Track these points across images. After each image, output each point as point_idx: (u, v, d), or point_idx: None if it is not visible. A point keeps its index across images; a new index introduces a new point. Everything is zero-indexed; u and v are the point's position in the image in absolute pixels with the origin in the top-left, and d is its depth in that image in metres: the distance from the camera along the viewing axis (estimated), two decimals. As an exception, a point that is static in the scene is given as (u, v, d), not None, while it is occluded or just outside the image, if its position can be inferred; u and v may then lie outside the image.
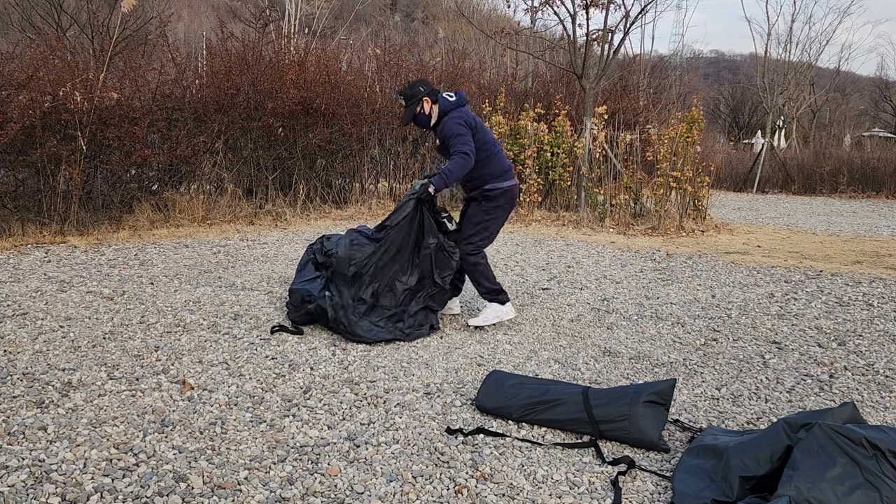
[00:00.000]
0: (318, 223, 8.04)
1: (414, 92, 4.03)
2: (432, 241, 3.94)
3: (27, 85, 6.46)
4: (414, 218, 3.92)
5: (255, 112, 8.23)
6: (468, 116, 3.97)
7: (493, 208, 4.03)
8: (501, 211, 4.07)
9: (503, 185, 4.02)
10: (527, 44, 14.39)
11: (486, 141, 4.00)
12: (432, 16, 47.12)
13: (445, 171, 3.84)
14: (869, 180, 15.39)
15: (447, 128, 3.91)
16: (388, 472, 2.29)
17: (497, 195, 4.02)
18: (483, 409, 2.79)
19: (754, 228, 9.11)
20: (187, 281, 4.90)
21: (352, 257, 3.94)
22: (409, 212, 3.91)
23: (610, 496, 2.19)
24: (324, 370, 3.22)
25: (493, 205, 4.03)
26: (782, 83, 21.50)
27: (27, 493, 2.07)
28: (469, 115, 3.98)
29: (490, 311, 4.06)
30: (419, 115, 4.03)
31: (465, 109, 4.00)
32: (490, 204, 4.03)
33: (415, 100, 4.00)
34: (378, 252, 3.91)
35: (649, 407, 2.55)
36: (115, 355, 3.30)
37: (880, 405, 3.01)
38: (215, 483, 2.18)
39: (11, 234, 6.21)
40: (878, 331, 4.17)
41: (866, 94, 38.76)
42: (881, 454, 1.94)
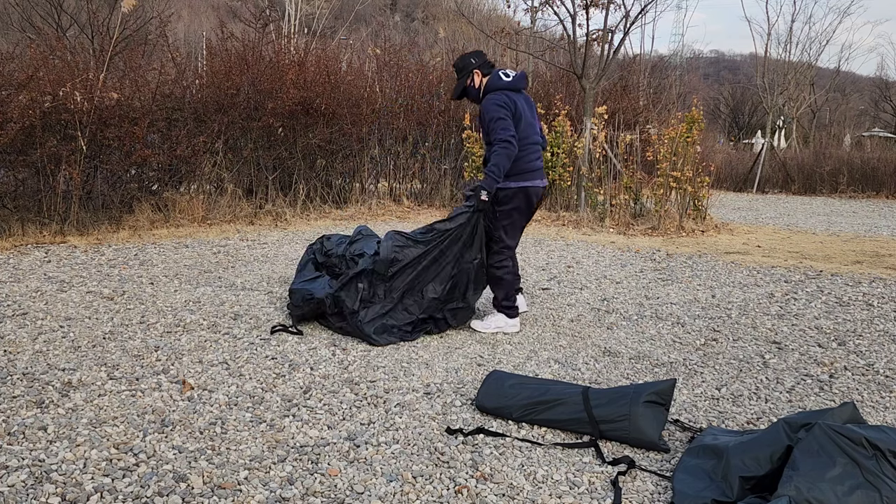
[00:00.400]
0: (318, 223, 8.04)
1: (465, 63, 3.82)
2: (476, 257, 3.81)
3: (27, 85, 6.46)
4: (467, 227, 3.78)
5: (255, 112, 8.23)
6: (512, 101, 3.69)
7: (507, 211, 3.81)
8: (517, 213, 3.83)
9: (514, 186, 3.77)
10: (527, 44, 14.39)
11: (522, 129, 3.73)
12: (432, 16, 47.14)
13: (490, 168, 3.64)
14: (869, 180, 15.39)
15: (485, 109, 3.68)
16: (388, 472, 2.29)
17: (507, 197, 3.79)
18: (483, 409, 2.79)
19: (754, 228, 9.11)
20: (187, 281, 4.90)
21: (396, 260, 3.84)
22: (463, 221, 3.77)
23: (610, 496, 2.19)
24: (324, 370, 3.22)
25: (506, 207, 3.80)
26: (782, 83, 21.50)
27: (27, 493, 2.07)
28: (514, 100, 3.70)
29: (494, 320, 3.97)
30: (469, 89, 3.82)
31: (510, 94, 3.71)
32: (502, 206, 3.81)
33: (465, 72, 3.79)
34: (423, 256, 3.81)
35: (649, 407, 2.55)
36: (115, 355, 3.30)
37: (880, 405, 3.01)
38: (215, 483, 2.18)
39: (11, 234, 6.21)
40: (878, 331, 4.17)
41: (866, 94, 38.76)
42: (881, 454, 1.94)
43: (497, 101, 3.66)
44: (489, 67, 3.81)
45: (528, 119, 3.79)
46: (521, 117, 3.73)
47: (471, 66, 3.79)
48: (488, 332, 3.92)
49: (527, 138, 3.77)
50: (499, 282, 3.92)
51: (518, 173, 3.77)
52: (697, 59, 43.95)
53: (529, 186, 3.80)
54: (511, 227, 3.87)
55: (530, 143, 3.80)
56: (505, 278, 3.90)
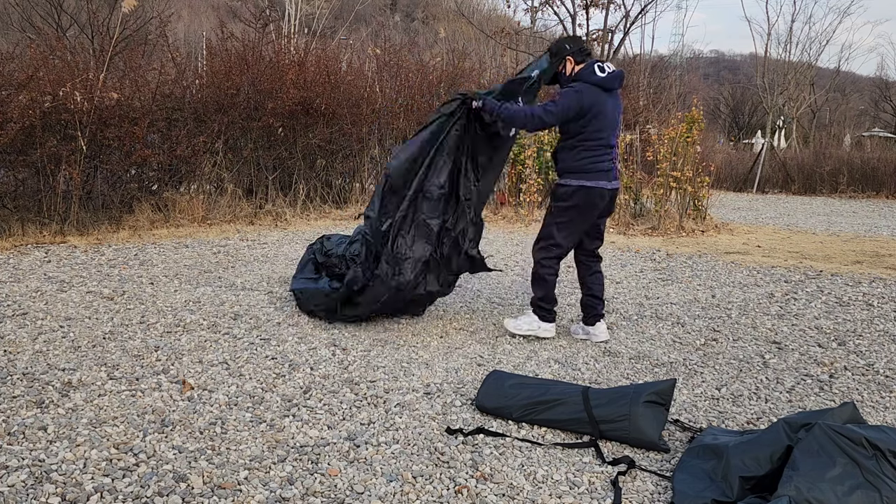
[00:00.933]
0: (318, 223, 8.04)
1: (559, 48, 3.66)
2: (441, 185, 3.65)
3: (27, 85, 6.46)
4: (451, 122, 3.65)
5: (255, 112, 8.23)
6: (593, 99, 3.48)
7: (564, 209, 3.61)
8: (575, 213, 3.60)
9: (574, 183, 3.56)
10: (527, 44, 14.39)
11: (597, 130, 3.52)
12: (432, 16, 47.12)
13: (504, 105, 3.54)
14: (869, 180, 15.39)
15: (565, 92, 3.52)
16: (388, 472, 2.29)
17: (565, 194, 3.59)
18: (483, 409, 2.79)
19: (754, 228, 9.11)
20: (187, 281, 4.90)
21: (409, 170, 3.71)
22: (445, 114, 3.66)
23: (610, 496, 2.19)
24: (324, 370, 3.22)
25: (563, 204, 3.61)
26: (782, 83, 21.51)
27: (27, 493, 2.07)
28: (595, 99, 3.49)
29: (527, 320, 3.78)
30: (560, 75, 3.66)
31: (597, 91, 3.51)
32: (559, 203, 3.63)
33: (558, 57, 3.64)
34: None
35: (649, 407, 2.55)
36: (115, 355, 3.30)
37: (880, 405, 3.01)
38: (215, 483, 2.18)
39: (11, 234, 6.21)
40: (878, 331, 4.17)
41: (866, 94, 38.76)
42: (881, 454, 1.94)
43: (578, 92, 3.48)
44: (584, 55, 3.62)
45: (608, 119, 3.57)
46: (600, 116, 3.52)
47: (564, 52, 3.62)
48: (519, 334, 3.77)
49: (600, 139, 3.55)
50: (540, 281, 3.74)
51: (582, 171, 3.55)
52: (697, 59, 43.95)
53: (592, 186, 3.55)
54: (564, 226, 3.64)
55: (603, 145, 3.57)
56: (547, 279, 3.72)
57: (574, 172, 3.58)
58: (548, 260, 3.71)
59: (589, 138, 3.53)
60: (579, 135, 3.54)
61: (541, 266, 3.74)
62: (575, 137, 3.55)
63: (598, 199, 3.59)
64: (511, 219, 8.98)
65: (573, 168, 3.58)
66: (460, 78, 10.79)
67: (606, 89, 3.55)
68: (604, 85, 3.53)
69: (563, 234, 3.66)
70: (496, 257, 6.25)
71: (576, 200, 3.58)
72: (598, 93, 3.51)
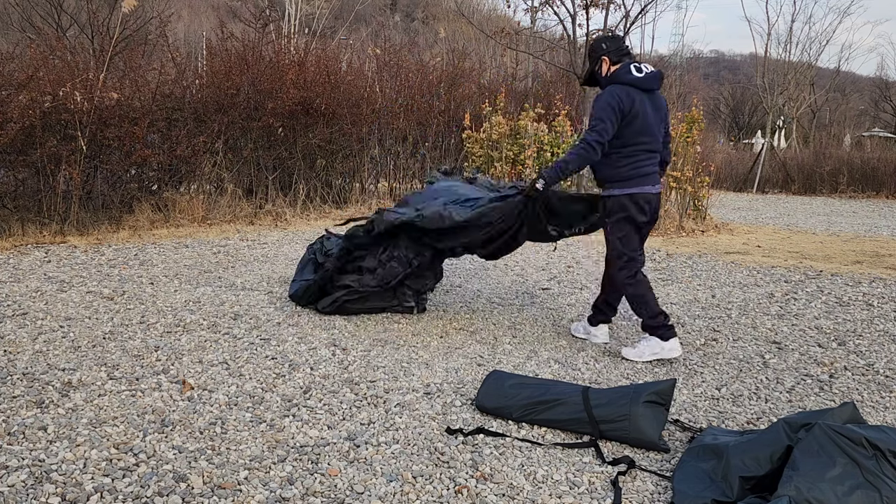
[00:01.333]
0: (318, 223, 8.04)
1: (595, 48, 3.53)
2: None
3: (27, 85, 6.46)
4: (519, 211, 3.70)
5: (255, 112, 8.23)
6: (632, 99, 3.32)
7: (618, 221, 3.46)
8: (629, 223, 3.45)
9: (618, 193, 3.42)
10: (527, 44, 14.38)
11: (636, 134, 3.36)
12: (432, 16, 47.10)
13: (560, 162, 3.40)
14: (869, 180, 15.40)
15: (597, 102, 3.36)
16: (388, 472, 2.29)
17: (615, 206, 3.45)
18: (483, 409, 2.79)
19: (754, 228, 9.11)
20: (187, 281, 4.90)
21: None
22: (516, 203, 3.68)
23: (610, 496, 2.19)
24: (324, 370, 3.22)
25: (616, 217, 3.46)
26: (782, 83, 21.50)
27: (27, 493, 2.06)
28: (634, 99, 3.32)
29: (648, 345, 3.51)
30: (597, 74, 3.53)
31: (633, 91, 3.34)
32: (612, 217, 3.48)
33: (594, 58, 3.51)
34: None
35: (649, 407, 2.55)
36: (115, 355, 3.30)
37: (880, 405, 3.01)
38: (215, 483, 2.18)
39: (11, 234, 6.21)
40: (878, 331, 4.17)
41: (866, 94, 38.75)
42: (881, 454, 1.94)
43: (611, 97, 3.32)
44: (621, 55, 3.47)
45: (648, 122, 3.39)
46: (639, 118, 3.35)
47: (600, 52, 3.49)
48: (643, 360, 3.50)
49: (641, 144, 3.39)
50: (637, 300, 3.53)
51: (624, 179, 3.41)
52: (697, 59, 43.91)
53: (638, 193, 3.41)
54: (627, 237, 3.48)
55: (644, 150, 3.41)
56: (645, 294, 3.51)
57: (618, 181, 3.43)
58: (632, 276, 3.52)
59: (628, 143, 3.37)
60: (616, 140, 3.36)
61: (630, 285, 3.54)
62: (612, 145, 3.38)
63: (644, 205, 3.45)
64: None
65: (614, 176, 3.44)
66: (460, 78, 10.80)
67: (644, 90, 3.38)
68: (641, 85, 3.37)
69: (630, 246, 3.50)
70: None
71: (627, 210, 3.43)
72: (633, 93, 3.34)
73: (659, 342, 3.50)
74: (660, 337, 3.50)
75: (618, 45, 3.51)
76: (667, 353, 3.49)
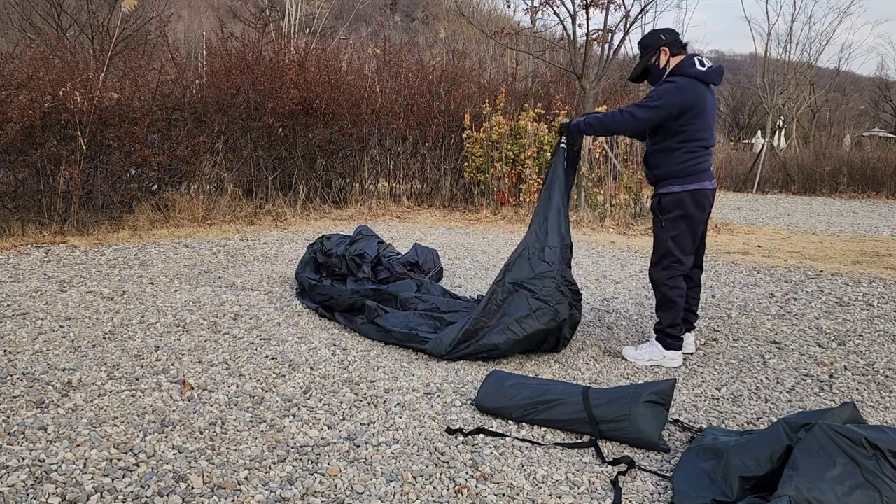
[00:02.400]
0: (318, 223, 8.04)
1: (653, 40, 3.36)
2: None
3: (27, 85, 6.46)
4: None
5: (255, 112, 8.24)
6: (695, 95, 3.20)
7: (674, 219, 3.34)
8: (686, 222, 3.33)
9: (678, 189, 3.30)
10: (527, 44, 14.38)
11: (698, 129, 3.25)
12: (432, 16, 47.08)
13: (596, 116, 3.31)
14: (869, 180, 15.40)
15: (663, 85, 3.22)
16: (388, 472, 2.29)
17: (672, 202, 3.32)
18: (483, 409, 2.79)
19: (754, 228, 9.11)
20: (187, 281, 4.90)
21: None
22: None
23: (610, 496, 2.19)
24: (324, 370, 3.22)
25: (673, 214, 3.33)
26: (782, 83, 21.50)
27: (27, 493, 2.06)
28: (697, 95, 3.21)
29: (650, 350, 3.48)
30: (652, 68, 3.38)
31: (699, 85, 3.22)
32: (668, 214, 3.35)
33: (651, 49, 3.34)
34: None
35: (649, 407, 2.55)
36: (115, 355, 3.30)
37: (880, 405, 3.01)
38: (215, 483, 2.18)
39: (11, 234, 6.21)
40: (878, 331, 4.17)
41: (866, 94, 38.75)
42: (881, 454, 1.94)
43: (679, 87, 3.18)
44: (680, 48, 3.33)
45: (709, 117, 3.31)
46: (702, 114, 3.26)
47: (659, 43, 3.32)
48: (641, 364, 3.46)
49: (701, 140, 3.30)
50: (668, 305, 3.42)
51: (685, 175, 3.29)
52: (697, 59, 43.84)
53: (697, 189, 3.31)
54: (681, 237, 3.36)
55: (703, 146, 3.32)
56: (677, 301, 3.41)
57: (678, 177, 3.30)
58: (674, 279, 3.41)
59: (691, 138, 3.26)
60: (680, 135, 3.26)
61: (668, 288, 3.41)
62: (674, 138, 3.27)
63: (705, 202, 3.36)
64: (511, 219, 8.98)
65: (676, 172, 3.30)
66: (460, 78, 10.80)
67: (706, 83, 3.28)
68: (706, 79, 3.25)
69: (681, 248, 3.38)
70: (496, 258, 6.25)
71: (686, 208, 3.32)
72: (700, 87, 3.23)
73: (661, 350, 3.47)
74: (665, 346, 3.47)
75: (676, 37, 3.36)
76: (666, 363, 3.47)
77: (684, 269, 3.43)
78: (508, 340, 3.32)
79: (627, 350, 3.57)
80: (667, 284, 3.42)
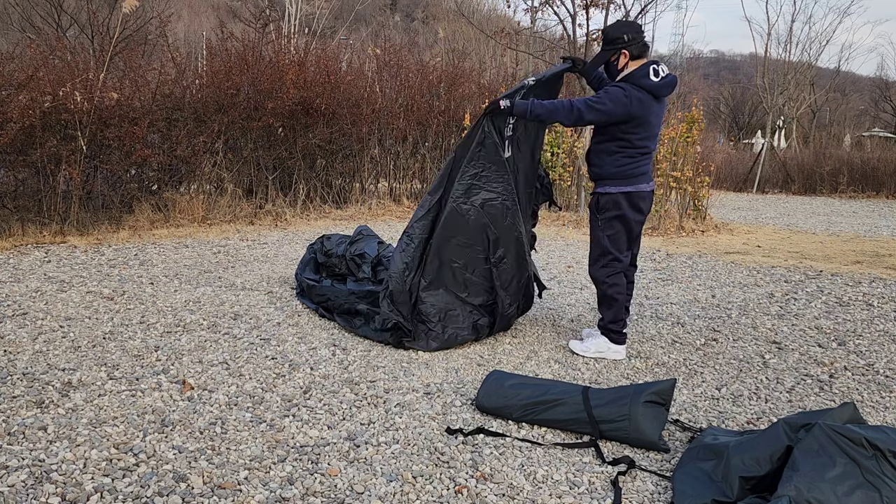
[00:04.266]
0: (318, 223, 8.04)
1: (617, 36, 3.35)
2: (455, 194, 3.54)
3: (27, 85, 6.46)
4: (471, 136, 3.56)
5: (255, 112, 8.23)
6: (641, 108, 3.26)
7: (610, 219, 3.46)
8: (621, 222, 3.45)
9: (614, 190, 3.42)
10: (527, 44, 14.38)
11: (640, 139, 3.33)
12: (432, 16, 47.07)
13: (541, 104, 3.35)
14: (869, 180, 15.40)
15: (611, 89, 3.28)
16: (388, 472, 2.29)
17: (609, 203, 3.44)
18: (483, 409, 2.79)
19: (754, 228, 9.11)
20: (187, 281, 4.90)
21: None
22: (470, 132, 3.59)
23: (610, 496, 2.19)
24: (324, 370, 3.22)
25: (609, 214, 3.45)
26: (782, 83, 21.50)
27: (27, 493, 2.06)
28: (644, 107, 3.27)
29: (595, 343, 3.59)
30: (612, 65, 3.44)
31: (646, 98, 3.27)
32: (605, 214, 3.47)
33: (613, 47, 3.37)
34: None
35: (649, 407, 2.55)
36: (115, 355, 3.30)
37: (880, 405, 3.01)
38: (215, 483, 2.18)
39: (11, 234, 6.21)
40: (878, 331, 4.17)
41: (866, 94, 38.75)
42: (881, 454, 1.94)
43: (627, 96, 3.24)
44: (642, 49, 3.35)
45: (652, 128, 3.39)
46: (647, 125, 3.33)
47: (620, 43, 3.33)
48: (588, 356, 3.57)
49: (644, 148, 3.40)
50: (609, 301, 3.53)
51: (623, 177, 3.40)
52: (697, 59, 43.96)
53: (634, 192, 3.42)
54: (616, 236, 3.48)
55: (643, 153, 3.41)
56: (618, 297, 3.51)
57: (615, 179, 3.41)
58: (613, 277, 3.51)
59: (631, 145, 3.36)
60: (621, 140, 3.36)
61: (608, 286, 3.52)
62: (615, 142, 3.37)
63: (640, 203, 3.45)
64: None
65: (614, 174, 3.41)
66: (460, 78, 10.80)
67: (657, 97, 3.33)
68: (656, 92, 3.30)
69: (616, 246, 3.50)
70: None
71: (621, 209, 3.43)
72: (647, 100, 3.29)
73: (607, 342, 3.58)
74: (610, 339, 3.58)
75: (641, 38, 3.36)
76: (611, 355, 3.56)
77: (622, 267, 3.54)
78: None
79: (574, 343, 3.67)
80: (606, 282, 3.53)
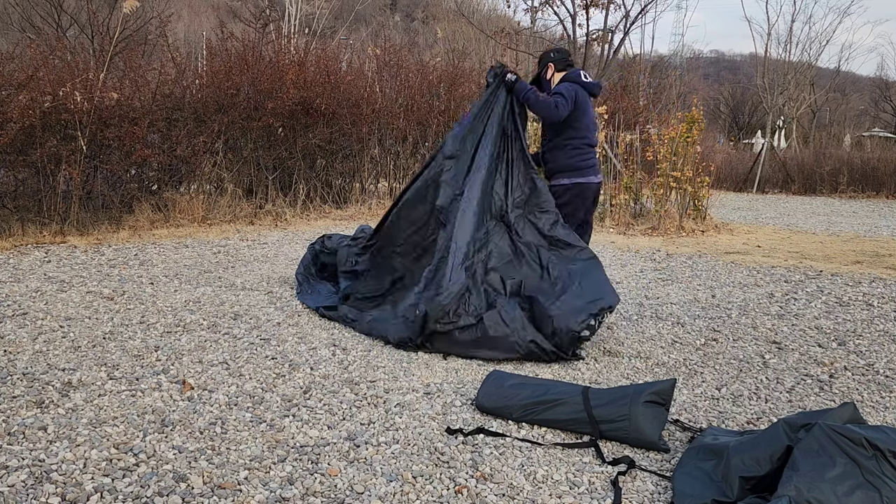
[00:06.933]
0: (318, 223, 8.04)
1: (543, 55, 4.15)
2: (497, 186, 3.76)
3: (27, 85, 6.46)
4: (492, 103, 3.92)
5: (255, 112, 8.23)
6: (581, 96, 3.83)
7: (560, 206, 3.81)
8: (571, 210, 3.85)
9: (566, 182, 3.86)
10: (527, 44, 14.38)
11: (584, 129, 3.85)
12: (432, 16, 47.04)
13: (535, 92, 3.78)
14: (869, 180, 15.40)
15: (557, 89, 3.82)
16: (388, 472, 2.29)
17: (559, 192, 3.83)
18: (483, 409, 2.79)
19: (754, 228, 9.11)
20: (187, 281, 4.90)
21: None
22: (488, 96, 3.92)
23: (610, 496, 2.19)
24: (324, 370, 3.22)
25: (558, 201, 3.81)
26: (782, 83, 21.51)
27: (27, 493, 2.06)
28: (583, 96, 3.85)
29: None
30: (542, 78, 4.07)
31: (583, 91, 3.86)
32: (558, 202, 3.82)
33: (542, 63, 4.07)
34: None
35: (649, 407, 2.55)
36: (115, 355, 3.30)
37: (880, 405, 3.01)
38: (215, 483, 2.18)
39: (11, 234, 6.21)
40: (878, 331, 4.17)
41: (866, 94, 38.75)
42: (881, 454, 1.94)
43: (569, 87, 3.80)
44: (566, 65, 4.02)
45: (590, 119, 3.93)
46: (587, 115, 3.87)
47: (547, 59, 4.05)
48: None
49: (585, 138, 3.90)
50: None
51: (574, 169, 3.86)
52: (697, 59, 43.92)
53: (583, 182, 3.89)
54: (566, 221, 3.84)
55: (587, 144, 3.92)
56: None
57: (566, 171, 3.86)
58: None
59: (577, 136, 3.85)
60: (567, 131, 3.83)
61: None
62: (562, 136, 3.85)
63: (589, 193, 3.93)
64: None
65: (565, 167, 3.86)
66: (460, 78, 10.80)
67: (590, 94, 3.93)
68: (588, 89, 3.91)
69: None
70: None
71: (569, 197, 3.85)
72: (581, 92, 3.86)
73: None
74: None
75: (564, 57, 4.08)
76: None
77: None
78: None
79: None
80: None
